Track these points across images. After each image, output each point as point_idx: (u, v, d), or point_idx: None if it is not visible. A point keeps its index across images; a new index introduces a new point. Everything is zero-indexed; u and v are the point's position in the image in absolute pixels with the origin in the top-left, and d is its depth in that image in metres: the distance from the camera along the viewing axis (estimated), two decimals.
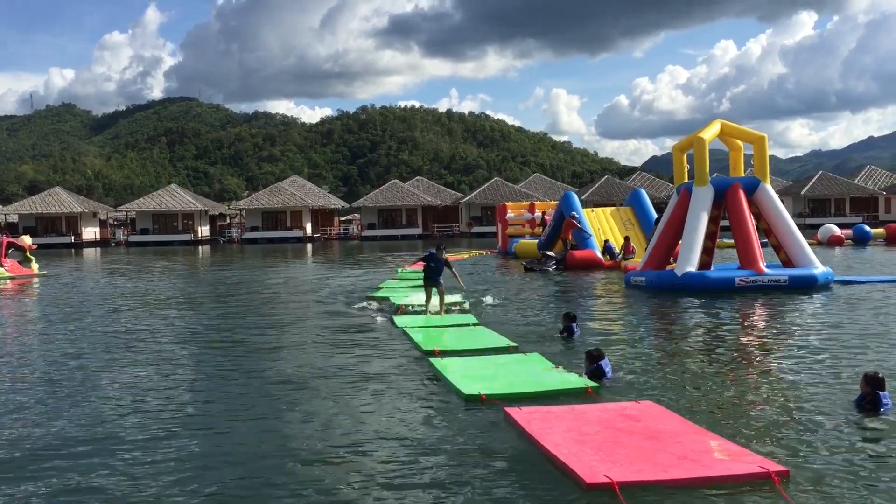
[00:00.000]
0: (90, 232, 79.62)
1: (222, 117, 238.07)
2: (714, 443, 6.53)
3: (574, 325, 12.47)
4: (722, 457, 6.12)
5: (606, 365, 9.20)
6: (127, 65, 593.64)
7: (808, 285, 18.87)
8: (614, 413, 7.59)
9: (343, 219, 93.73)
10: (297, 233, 77.84)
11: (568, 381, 9.10)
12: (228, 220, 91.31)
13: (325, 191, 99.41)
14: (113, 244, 78.82)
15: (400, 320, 14.47)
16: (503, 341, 11.91)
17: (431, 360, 10.54)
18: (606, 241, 28.74)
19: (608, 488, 5.51)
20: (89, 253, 62.85)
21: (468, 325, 14.12)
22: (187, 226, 77.83)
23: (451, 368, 9.88)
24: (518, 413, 7.57)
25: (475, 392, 8.53)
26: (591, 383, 8.88)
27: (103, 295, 23.04)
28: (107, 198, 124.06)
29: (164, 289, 24.88)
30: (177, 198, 79.59)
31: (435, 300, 15.55)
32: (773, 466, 5.79)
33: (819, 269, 19.41)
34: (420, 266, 17.01)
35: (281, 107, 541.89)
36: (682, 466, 5.91)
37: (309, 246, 65.98)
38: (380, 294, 19.68)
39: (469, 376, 9.35)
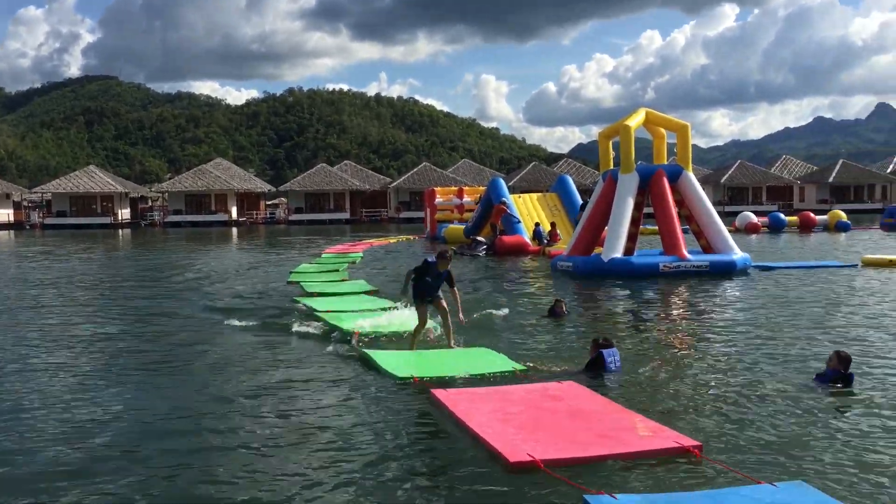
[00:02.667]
0: (3, 214, 76.49)
1: (143, 97, 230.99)
2: (633, 420, 6.75)
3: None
4: (640, 433, 6.34)
5: (610, 356, 8.78)
6: (43, 41, 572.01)
7: (727, 270, 19.49)
8: (538, 393, 7.76)
9: (269, 203, 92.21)
10: (222, 216, 76.32)
11: (499, 364, 9.17)
12: (150, 203, 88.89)
13: (251, 174, 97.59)
14: (28, 227, 75.88)
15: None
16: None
17: (368, 352, 10.43)
18: (537, 226, 29.04)
19: (531, 466, 5.62)
20: (2, 236, 60.39)
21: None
22: (107, 209, 75.46)
23: (384, 357, 9.76)
24: (444, 394, 7.65)
25: (408, 375, 8.56)
26: (518, 366, 9.00)
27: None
28: (21, 179, 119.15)
29: (77, 274, 24.12)
30: (95, 179, 77.06)
31: (431, 321, 11.09)
32: (688, 441, 6.03)
33: (738, 254, 20.06)
34: (353, 249, 15.99)
35: (205, 87, 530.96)
36: (602, 444, 6.10)
37: (234, 230, 64.80)
38: (296, 279, 19.49)
39: (402, 363, 9.31)
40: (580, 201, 30.60)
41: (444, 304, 10.33)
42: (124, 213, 78.01)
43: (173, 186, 79.10)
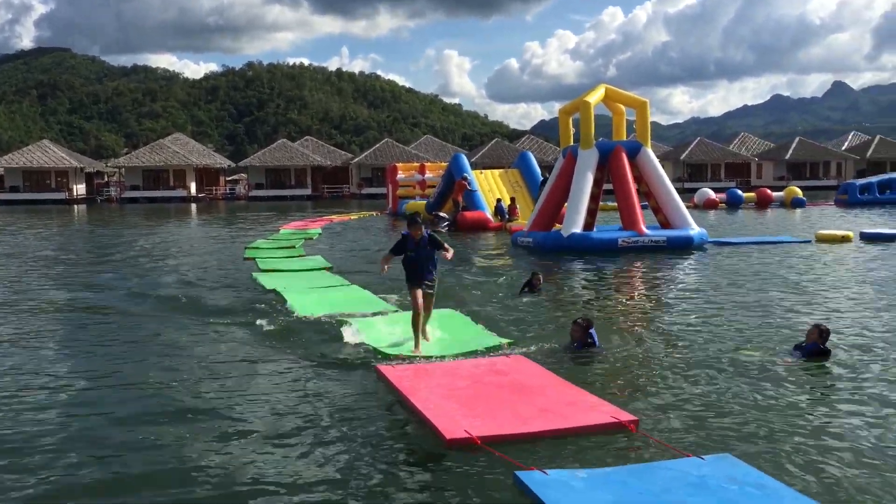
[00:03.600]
0: None
1: (98, 70, 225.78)
2: (574, 395, 6.79)
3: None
4: (580, 408, 6.38)
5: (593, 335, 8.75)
6: None
7: (685, 245, 19.75)
8: (484, 368, 7.78)
9: (229, 178, 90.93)
10: (180, 192, 75.14)
11: (485, 339, 9.18)
12: (106, 179, 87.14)
13: (210, 149, 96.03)
14: None
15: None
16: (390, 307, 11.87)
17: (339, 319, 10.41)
18: (499, 201, 29.10)
19: (468, 443, 5.65)
20: None
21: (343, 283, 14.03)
22: (61, 184, 73.83)
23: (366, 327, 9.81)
24: (390, 370, 7.65)
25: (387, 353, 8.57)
26: (505, 340, 9.03)
27: None
28: None
29: (29, 251, 23.65)
30: (49, 154, 75.30)
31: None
32: (625, 416, 6.12)
33: (695, 230, 20.32)
34: (311, 225, 15.73)
35: (162, 61, 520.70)
36: (542, 418, 6.15)
37: (193, 206, 63.91)
38: (252, 255, 19.35)
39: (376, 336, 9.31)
40: (541, 177, 30.70)
41: (431, 293, 9.19)
42: (80, 189, 76.41)
43: (130, 162, 77.61)
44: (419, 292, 8.90)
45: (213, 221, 40.16)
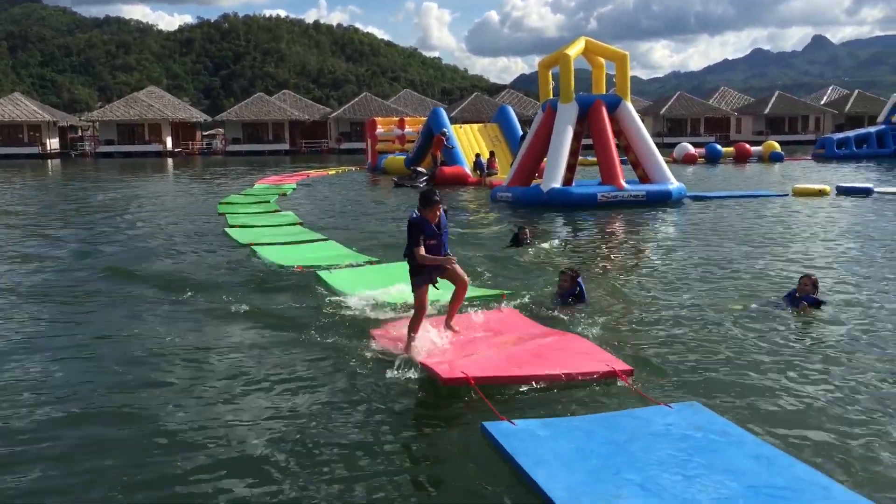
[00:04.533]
0: None
1: (70, 21, 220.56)
2: (569, 344, 6.80)
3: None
4: (574, 356, 6.38)
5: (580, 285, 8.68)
6: None
7: (663, 200, 19.78)
8: (478, 321, 7.72)
9: (206, 133, 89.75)
10: (156, 147, 74.11)
11: (478, 289, 9.12)
12: (80, 133, 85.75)
13: (185, 103, 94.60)
14: None
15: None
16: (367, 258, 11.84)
17: (319, 274, 10.31)
18: (478, 156, 28.94)
19: (464, 384, 5.70)
20: None
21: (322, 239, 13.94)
22: (34, 138, 72.54)
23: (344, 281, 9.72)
24: (379, 332, 7.53)
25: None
26: (505, 290, 9.03)
27: None
28: None
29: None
30: (21, 107, 73.84)
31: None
32: (620, 365, 6.14)
33: (674, 184, 20.33)
34: (287, 180, 15.54)
35: (135, 12, 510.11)
36: (535, 364, 6.18)
37: (170, 161, 63.12)
38: (225, 210, 19.19)
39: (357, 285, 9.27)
40: (521, 132, 30.52)
41: (460, 270, 7.33)
42: (53, 144, 75.18)
43: (104, 115, 76.31)
44: (427, 290, 7.15)
45: (188, 177, 39.68)
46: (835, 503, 4.11)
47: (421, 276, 7.07)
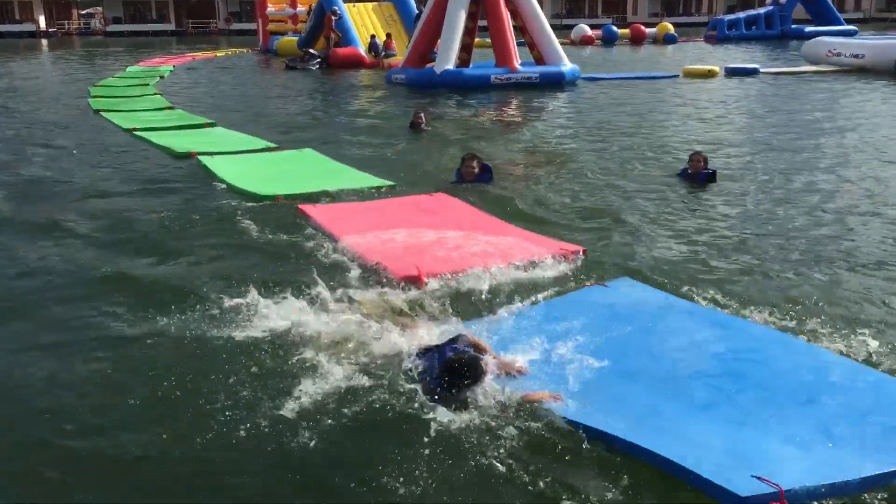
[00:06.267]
0: None
1: None
2: (513, 231, 6.68)
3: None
4: (522, 243, 6.26)
5: (487, 171, 8.65)
6: None
7: (557, 81, 19.81)
8: (411, 207, 7.52)
9: (83, 12, 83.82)
10: (28, 27, 68.88)
11: (361, 179, 8.85)
12: None
13: None
14: None
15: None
16: (260, 143, 11.47)
17: (201, 159, 9.87)
18: (373, 38, 28.08)
19: (416, 279, 5.45)
20: None
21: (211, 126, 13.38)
22: None
23: (227, 170, 9.25)
24: (314, 210, 7.29)
25: (270, 193, 8.03)
26: (387, 182, 8.67)
27: None
28: None
29: None
30: None
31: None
32: (571, 247, 6.08)
33: (567, 66, 20.32)
34: (166, 62, 14.77)
35: None
36: (486, 254, 5.97)
37: (44, 42, 58.90)
38: (98, 93, 18.21)
39: (251, 177, 8.81)
40: (416, 11, 29.66)
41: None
42: None
43: None
44: None
45: (63, 59, 37.10)
46: (800, 356, 4.23)
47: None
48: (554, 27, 21.40)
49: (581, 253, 5.99)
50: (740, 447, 3.43)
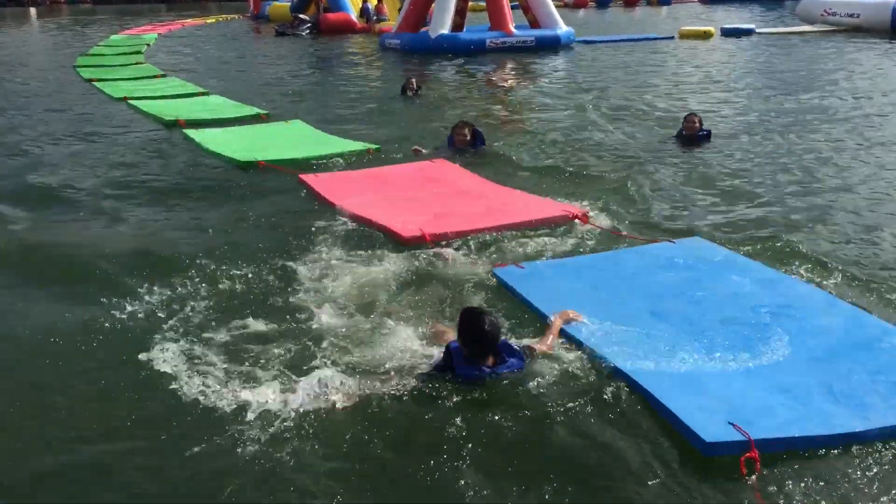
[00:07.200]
0: None
1: None
2: (516, 194, 6.68)
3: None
4: (526, 206, 6.28)
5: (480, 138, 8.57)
6: None
7: (552, 45, 19.66)
8: (413, 173, 7.47)
9: None
10: None
11: (347, 145, 8.77)
12: None
13: None
14: None
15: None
16: (251, 110, 11.38)
17: (186, 132, 9.73)
18: (365, 2, 27.80)
19: (422, 241, 5.47)
20: None
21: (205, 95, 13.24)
22: None
23: (213, 140, 9.13)
24: (314, 179, 7.22)
25: (252, 159, 7.96)
26: (372, 145, 8.62)
27: None
28: None
29: None
30: None
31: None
32: (575, 210, 6.08)
33: (562, 29, 20.16)
34: (154, 30, 14.61)
35: None
36: (491, 217, 5.99)
37: (32, 10, 58.07)
38: (84, 62, 17.99)
39: (236, 146, 8.69)
40: None
41: None
42: None
43: None
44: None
45: (51, 28, 36.65)
46: (838, 317, 4.25)
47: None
48: None
49: (584, 215, 6.00)
50: (734, 395, 3.46)
